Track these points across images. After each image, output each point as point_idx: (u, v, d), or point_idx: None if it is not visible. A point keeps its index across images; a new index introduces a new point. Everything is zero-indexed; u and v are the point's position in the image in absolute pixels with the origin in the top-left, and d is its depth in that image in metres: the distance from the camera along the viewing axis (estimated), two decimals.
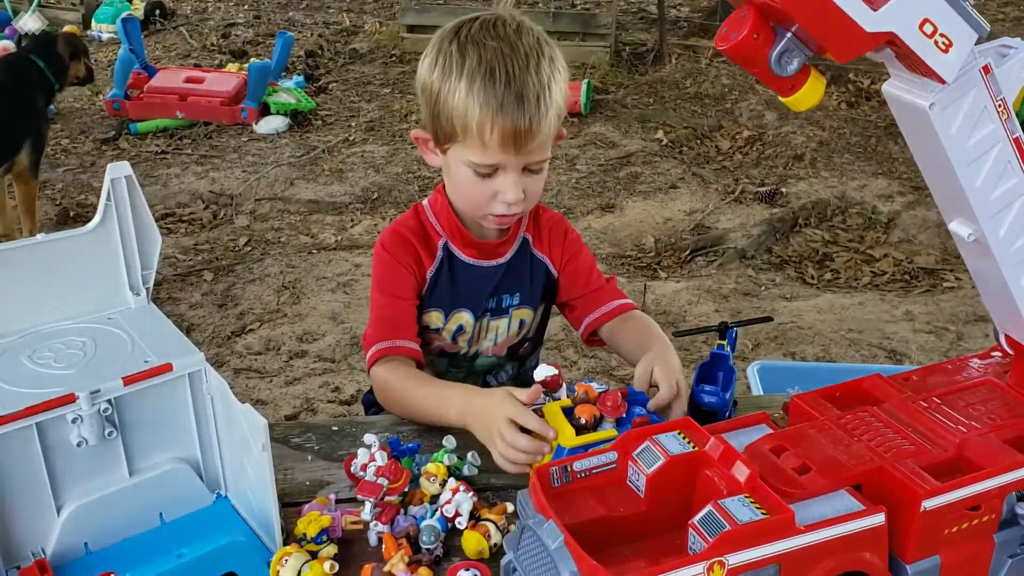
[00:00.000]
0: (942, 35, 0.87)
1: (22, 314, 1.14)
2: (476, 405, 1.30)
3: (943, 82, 0.90)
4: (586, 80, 5.41)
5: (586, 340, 1.63)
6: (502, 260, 1.57)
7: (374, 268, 1.55)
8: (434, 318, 1.56)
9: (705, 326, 1.40)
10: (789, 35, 0.90)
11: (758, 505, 0.95)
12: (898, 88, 0.99)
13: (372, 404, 1.88)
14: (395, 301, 1.51)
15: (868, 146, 4.83)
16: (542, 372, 1.30)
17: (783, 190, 4.40)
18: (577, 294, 1.61)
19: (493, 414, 1.24)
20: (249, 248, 3.96)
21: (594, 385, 1.25)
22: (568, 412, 1.23)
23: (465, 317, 1.57)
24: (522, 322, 1.61)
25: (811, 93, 0.95)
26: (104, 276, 1.19)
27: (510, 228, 1.56)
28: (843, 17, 0.85)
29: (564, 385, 1.30)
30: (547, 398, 1.31)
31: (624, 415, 1.22)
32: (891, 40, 0.88)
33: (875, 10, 0.85)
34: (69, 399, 1.02)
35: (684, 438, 1.05)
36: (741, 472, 0.98)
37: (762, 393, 1.98)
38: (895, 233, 4.08)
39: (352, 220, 4.22)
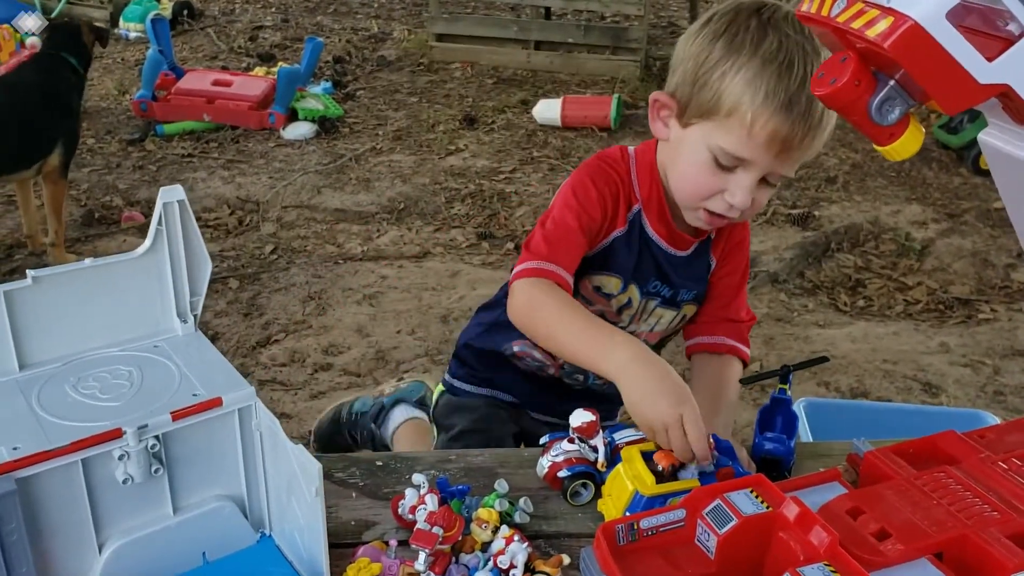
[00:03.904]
0: None
1: (67, 340, 1.11)
2: (659, 369, 1.17)
3: None
4: (616, 95, 5.36)
5: (688, 353, 1.57)
6: (684, 252, 1.47)
7: (573, 186, 1.41)
8: (612, 283, 1.45)
9: (768, 371, 1.35)
10: (892, 82, 0.86)
11: (839, 575, 0.90)
12: (997, 139, 0.95)
13: (327, 439, 1.88)
14: (574, 227, 1.37)
15: (902, 171, 4.77)
16: (578, 418, 1.22)
17: (815, 213, 4.34)
18: (708, 310, 1.52)
19: (684, 393, 1.14)
20: (275, 256, 3.93)
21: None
22: (648, 457, 1.17)
23: (635, 292, 1.46)
24: (684, 317, 1.53)
25: (910, 143, 0.90)
26: (152, 302, 1.15)
27: (705, 232, 1.47)
28: (956, 67, 0.80)
29: (600, 432, 1.23)
30: (583, 445, 1.25)
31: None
32: (1004, 92, 0.83)
33: (990, 60, 0.80)
34: (116, 434, 0.98)
35: (757, 497, 1.00)
36: (820, 538, 0.93)
37: (810, 434, 1.93)
38: (929, 261, 4.01)
39: (378, 231, 4.19)
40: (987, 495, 1.04)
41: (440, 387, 1.78)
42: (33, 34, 5.07)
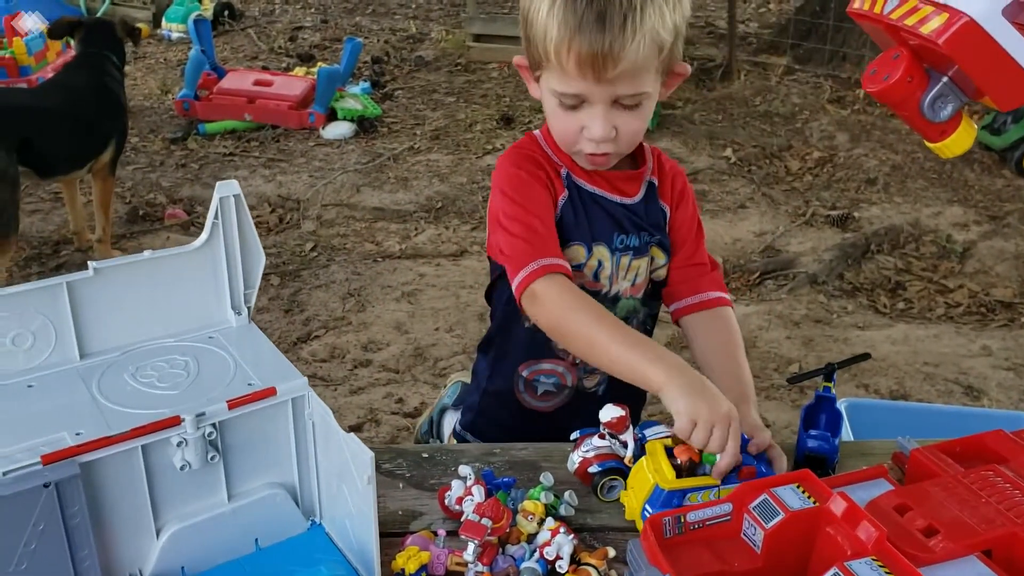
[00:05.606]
0: None
1: (126, 330, 1.14)
2: (700, 379, 1.19)
3: None
4: None
5: (674, 320, 1.55)
6: (632, 200, 1.45)
7: (502, 183, 1.41)
8: (577, 253, 1.43)
9: (815, 369, 1.35)
10: (945, 79, 0.86)
11: (887, 569, 0.90)
12: None
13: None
14: (534, 217, 1.36)
15: (943, 172, 4.71)
16: (608, 413, 1.21)
17: (855, 214, 4.31)
18: (676, 265, 1.50)
19: (726, 403, 1.16)
20: (315, 254, 3.98)
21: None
22: (670, 452, 1.18)
23: (604, 252, 1.44)
24: (652, 259, 1.49)
25: (962, 140, 0.90)
26: (207, 294, 1.19)
27: (640, 167, 1.47)
28: (1011, 63, 0.80)
29: (630, 427, 1.23)
30: (614, 441, 1.25)
31: None
32: None
33: None
34: (175, 421, 1.01)
35: (803, 492, 1.01)
36: (868, 533, 0.94)
37: (851, 434, 1.93)
38: (970, 264, 3.97)
39: (416, 229, 4.22)
40: None
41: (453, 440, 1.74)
42: (96, 25, 5.12)
